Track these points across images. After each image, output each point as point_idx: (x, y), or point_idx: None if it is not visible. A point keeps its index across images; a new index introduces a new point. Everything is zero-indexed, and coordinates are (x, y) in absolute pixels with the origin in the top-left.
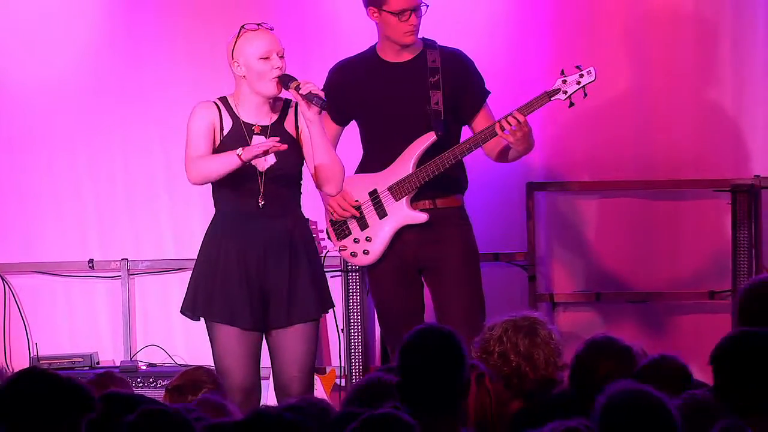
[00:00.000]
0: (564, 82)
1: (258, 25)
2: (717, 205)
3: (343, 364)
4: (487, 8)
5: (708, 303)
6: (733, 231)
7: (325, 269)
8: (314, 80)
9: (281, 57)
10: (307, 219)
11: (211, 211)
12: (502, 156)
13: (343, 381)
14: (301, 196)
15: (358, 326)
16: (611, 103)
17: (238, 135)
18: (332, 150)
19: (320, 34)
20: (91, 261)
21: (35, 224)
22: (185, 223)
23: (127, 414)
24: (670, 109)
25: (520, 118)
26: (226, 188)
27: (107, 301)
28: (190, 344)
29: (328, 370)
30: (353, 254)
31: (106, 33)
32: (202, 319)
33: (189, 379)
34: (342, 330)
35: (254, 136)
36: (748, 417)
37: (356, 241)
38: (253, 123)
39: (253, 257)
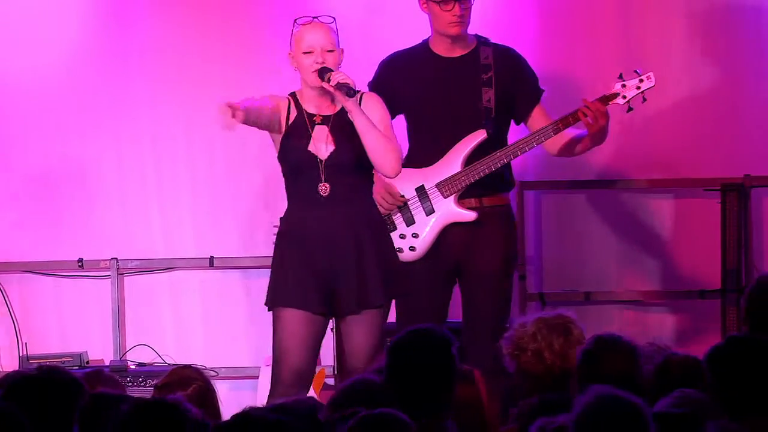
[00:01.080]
0: (623, 86)
1: (314, 18)
2: (707, 204)
3: (333, 364)
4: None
5: (698, 302)
6: (723, 230)
7: None
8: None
9: (329, 51)
10: None
11: (200, 209)
12: (568, 150)
13: (333, 380)
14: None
15: None
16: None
17: (301, 124)
18: (378, 133)
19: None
20: (80, 260)
21: (25, 224)
22: (175, 222)
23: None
24: (660, 108)
25: (601, 107)
26: (291, 179)
27: (97, 301)
28: (179, 343)
29: (317, 369)
30: (399, 250)
31: (96, 31)
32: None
33: (178, 377)
34: (332, 329)
35: (316, 126)
36: (741, 418)
37: (402, 236)
38: (315, 113)
39: (319, 245)
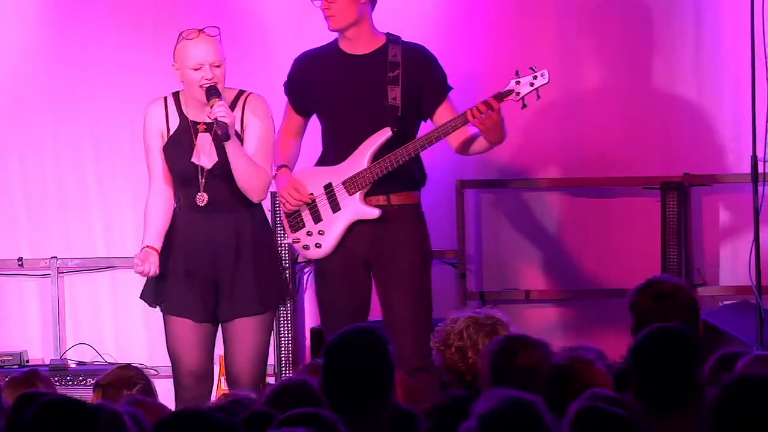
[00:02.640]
0: (518, 83)
1: (200, 31)
2: (647, 202)
3: (273, 362)
4: (431, 7)
5: None
6: (662, 228)
7: None
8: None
9: (217, 66)
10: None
11: (140, 208)
12: (467, 147)
13: (273, 379)
14: None
15: (287, 323)
16: (541, 101)
17: (184, 135)
18: (246, 161)
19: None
20: (20, 259)
21: None
22: (115, 221)
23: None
24: (599, 107)
25: (494, 104)
26: (178, 184)
27: (37, 300)
28: (119, 342)
29: None
30: (305, 247)
31: (34, 32)
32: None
33: (121, 377)
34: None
35: (199, 134)
36: (664, 414)
37: (309, 234)
38: (199, 121)
39: (200, 251)
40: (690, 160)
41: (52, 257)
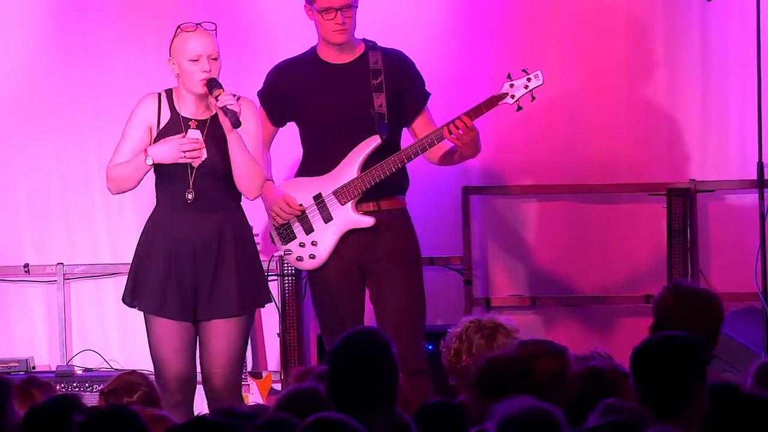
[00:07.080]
0: (511, 86)
1: (197, 24)
2: (653, 209)
3: (279, 369)
4: (424, 12)
5: (644, 307)
6: (668, 235)
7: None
8: (247, 82)
9: (214, 59)
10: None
11: (145, 214)
12: (446, 159)
13: (279, 386)
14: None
15: (293, 330)
16: (546, 106)
17: (175, 129)
18: (248, 158)
19: (254, 34)
20: (26, 265)
21: None
22: (120, 227)
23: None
24: (605, 113)
25: (468, 122)
26: (161, 180)
27: (43, 306)
28: (125, 348)
29: (264, 374)
30: (299, 258)
31: (37, 37)
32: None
33: (123, 383)
34: (278, 334)
35: (190, 131)
36: (667, 420)
37: (302, 245)
38: (191, 117)
39: (182, 250)
40: (696, 166)
41: (58, 264)
